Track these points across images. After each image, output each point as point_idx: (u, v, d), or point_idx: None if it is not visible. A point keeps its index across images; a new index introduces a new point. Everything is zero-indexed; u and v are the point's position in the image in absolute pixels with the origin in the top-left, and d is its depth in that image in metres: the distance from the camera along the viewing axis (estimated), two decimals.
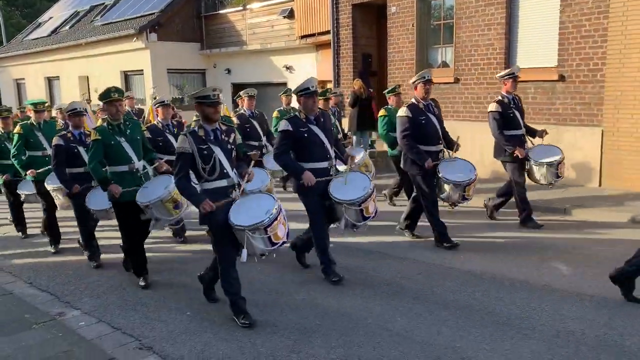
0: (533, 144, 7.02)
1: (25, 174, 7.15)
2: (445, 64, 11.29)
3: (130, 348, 4.16)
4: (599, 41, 8.60)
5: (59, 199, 6.78)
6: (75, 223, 6.49)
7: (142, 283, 5.48)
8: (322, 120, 5.18)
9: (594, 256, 5.73)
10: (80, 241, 6.54)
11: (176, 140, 6.54)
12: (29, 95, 23.63)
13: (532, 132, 7.03)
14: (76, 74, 20.94)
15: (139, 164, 5.44)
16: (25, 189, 7.53)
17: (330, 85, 13.75)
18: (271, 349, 3.98)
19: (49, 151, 6.85)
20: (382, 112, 8.10)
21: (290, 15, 14.98)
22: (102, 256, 6.38)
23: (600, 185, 8.73)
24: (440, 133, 6.21)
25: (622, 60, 8.28)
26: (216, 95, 4.31)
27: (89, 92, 20.30)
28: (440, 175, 6.04)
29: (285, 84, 15.59)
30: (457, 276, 5.32)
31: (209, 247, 6.56)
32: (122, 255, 5.98)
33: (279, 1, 15.80)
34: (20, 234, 8.00)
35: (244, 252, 4.15)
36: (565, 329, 4.05)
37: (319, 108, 5.39)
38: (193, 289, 5.15)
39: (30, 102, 7.22)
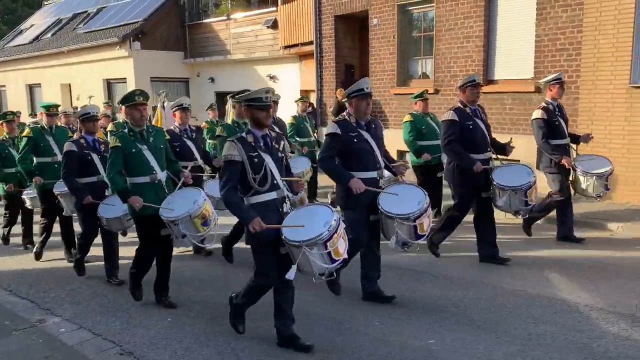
0: (578, 153, 6.64)
1: (30, 182, 6.77)
2: (425, 75, 11.51)
3: (112, 354, 4.20)
4: (573, 54, 8.86)
5: (65, 206, 6.37)
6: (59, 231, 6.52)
7: (135, 298, 5.17)
8: (373, 126, 4.75)
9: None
10: (72, 254, 6.32)
11: (195, 146, 6.58)
12: (9, 103, 23.41)
13: (576, 139, 6.59)
14: (58, 82, 20.82)
15: (161, 175, 4.95)
16: (32, 193, 7.05)
17: (313, 95, 13.92)
18: (251, 354, 4.05)
19: (60, 157, 6.47)
20: (407, 117, 7.73)
21: (274, 25, 15.13)
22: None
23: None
24: (489, 140, 5.80)
25: (595, 72, 8.54)
26: (269, 97, 3.91)
27: (71, 100, 20.21)
28: (495, 182, 5.59)
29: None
30: (437, 282, 5.43)
31: (188, 252, 6.67)
32: (101, 263, 6.00)
33: (262, 12, 15.97)
34: (34, 247, 7.17)
35: (293, 268, 3.76)
36: (536, 332, 4.18)
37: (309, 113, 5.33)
38: (174, 294, 5.19)
39: (43, 105, 6.87)
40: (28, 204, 7.24)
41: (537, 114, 6.41)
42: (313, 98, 13.88)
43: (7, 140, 7.42)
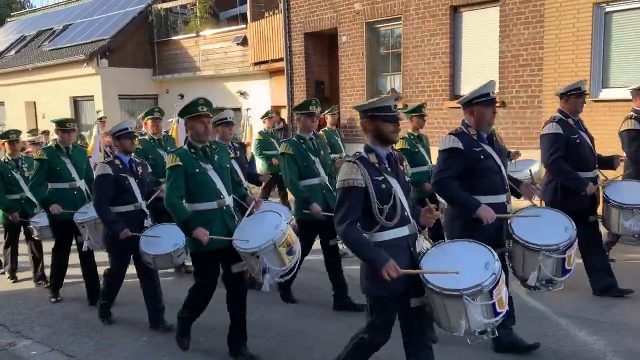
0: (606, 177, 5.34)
1: (42, 210, 5.96)
2: (394, 91, 11.73)
3: None
4: (536, 70, 9.20)
5: (88, 239, 5.41)
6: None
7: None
8: (494, 139, 3.92)
9: None
10: (100, 301, 5.22)
11: (239, 165, 5.63)
12: None
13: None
14: (22, 100, 20.40)
15: (229, 199, 4.18)
16: (42, 221, 6.11)
17: (284, 111, 14.01)
18: None
19: (78, 183, 5.73)
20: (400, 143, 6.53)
21: (244, 42, 15.21)
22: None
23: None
24: (595, 155, 5.05)
25: (557, 87, 8.82)
26: (397, 106, 3.18)
27: (36, 119, 19.82)
28: (611, 201, 4.80)
29: (239, 109, 15.74)
30: None
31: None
32: (73, 281, 5.89)
33: (232, 29, 16.04)
34: (46, 283, 6.37)
35: (462, 324, 2.92)
36: None
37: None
38: (148, 312, 5.13)
39: (56, 120, 5.93)
40: (36, 234, 6.32)
41: (629, 124, 5.82)
42: (284, 114, 13.98)
43: (9, 162, 6.52)
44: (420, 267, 3.05)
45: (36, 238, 6.35)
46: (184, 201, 4.08)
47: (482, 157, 3.75)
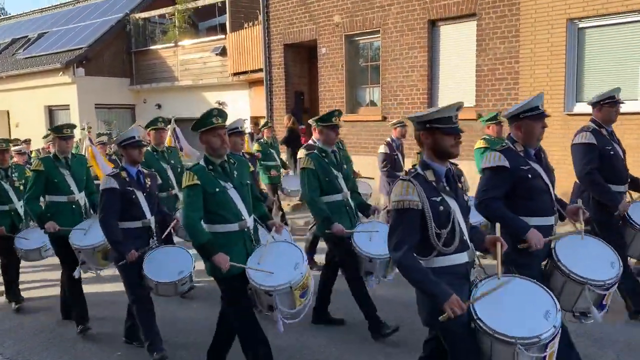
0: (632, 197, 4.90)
1: (30, 225, 5.69)
2: (373, 103, 11.83)
3: None
4: (512, 83, 9.36)
5: (83, 262, 4.97)
6: None
7: None
8: (542, 155, 3.62)
9: None
10: (140, 335, 4.56)
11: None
12: None
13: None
14: None
15: (250, 221, 3.86)
16: (24, 244, 5.64)
17: (263, 122, 13.98)
18: None
19: (77, 196, 5.28)
20: (480, 143, 6.66)
21: (223, 52, 15.19)
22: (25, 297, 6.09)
23: None
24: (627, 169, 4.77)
25: None
26: (458, 116, 2.84)
27: (9, 128, 19.43)
28: (633, 223, 4.42)
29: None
30: (392, 308, 5.51)
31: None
32: (45, 295, 5.75)
33: (211, 39, 16.02)
34: (13, 304, 6.02)
35: None
36: None
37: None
38: (124, 327, 5.04)
39: (54, 128, 5.47)
40: (21, 254, 5.79)
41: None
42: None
43: None
44: (473, 298, 2.75)
45: (20, 257, 5.83)
46: (202, 222, 3.76)
47: (529, 175, 3.45)
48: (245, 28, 14.51)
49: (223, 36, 15.44)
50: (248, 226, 3.82)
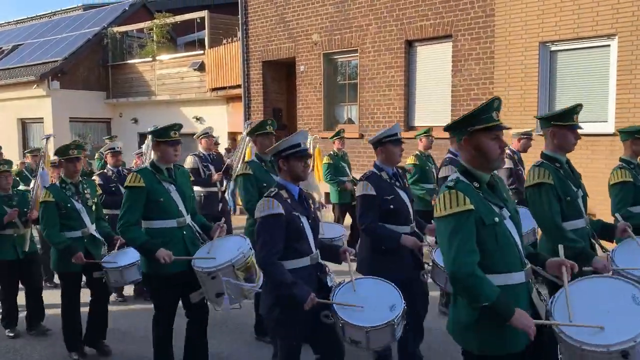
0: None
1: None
2: (350, 121, 11.92)
3: None
4: None
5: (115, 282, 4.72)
6: None
7: None
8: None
9: None
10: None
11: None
12: None
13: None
14: None
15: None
16: (117, 262, 4.72)
17: (240, 138, 13.96)
18: None
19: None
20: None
21: (201, 68, 15.17)
22: None
23: None
24: None
25: (506, 122, 9.17)
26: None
27: None
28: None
29: (194, 135, 15.59)
30: None
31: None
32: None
33: (189, 54, 15.99)
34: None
35: None
36: None
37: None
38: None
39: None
40: (115, 278, 4.78)
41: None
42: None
43: (67, 186, 4.95)
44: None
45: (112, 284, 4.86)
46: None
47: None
48: (224, 44, 14.53)
49: (202, 51, 15.43)
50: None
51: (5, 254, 5.38)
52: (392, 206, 3.98)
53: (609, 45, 8.28)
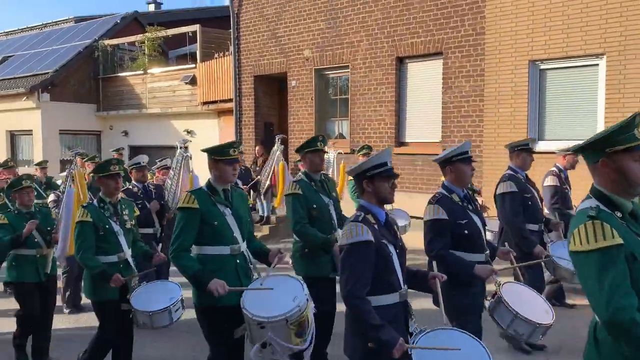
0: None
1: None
2: (342, 136, 11.94)
3: None
4: (477, 120, 9.60)
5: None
6: None
7: None
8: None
9: None
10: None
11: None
12: None
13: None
14: None
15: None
16: (146, 305, 4.16)
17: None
18: None
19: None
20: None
21: (193, 81, 15.17)
22: None
23: None
24: None
25: (496, 138, 9.28)
26: None
27: None
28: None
29: (186, 148, 15.54)
30: None
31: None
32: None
33: (181, 68, 15.98)
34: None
35: None
36: None
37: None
38: None
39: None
40: (143, 320, 4.26)
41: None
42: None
43: (106, 206, 4.47)
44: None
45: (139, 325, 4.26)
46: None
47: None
48: (216, 58, 14.55)
49: (193, 65, 15.43)
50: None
51: (28, 275, 4.98)
52: (466, 231, 3.66)
53: (597, 65, 8.37)
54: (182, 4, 59.76)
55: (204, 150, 3.79)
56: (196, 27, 15.42)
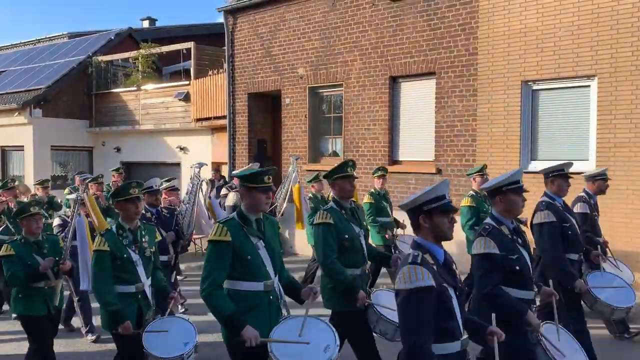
0: None
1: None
2: (335, 154, 11.95)
3: None
4: (470, 140, 9.64)
5: None
6: None
7: None
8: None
9: None
10: None
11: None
12: None
13: None
14: None
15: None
16: (160, 350, 3.84)
17: (225, 167, 13.92)
18: None
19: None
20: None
21: (186, 98, 15.17)
22: None
23: None
24: None
25: (489, 158, 9.32)
26: None
27: None
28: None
29: (179, 164, 15.51)
30: None
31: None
32: None
33: (174, 84, 15.99)
34: None
35: None
36: None
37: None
38: None
39: (251, 177, 3.79)
40: None
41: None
42: (225, 170, 13.89)
43: (124, 232, 4.24)
44: None
45: None
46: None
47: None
48: (210, 75, 14.58)
49: (187, 82, 15.45)
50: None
51: (37, 309, 4.73)
52: (517, 267, 3.46)
53: (589, 86, 8.45)
54: (176, 21, 60.05)
55: (235, 176, 3.63)
56: (190, 44, 15.46)
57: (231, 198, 10.90)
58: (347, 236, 3.93)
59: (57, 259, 4.85)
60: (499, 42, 9.17)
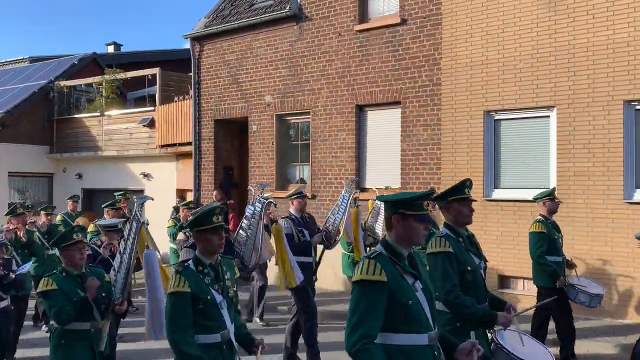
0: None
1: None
2: (303, 180, 11.93)
3: None
4: (434, 168, 9.78)
5: None
6: None
7: None
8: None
9: None
10: None
11: None
12: None
13: None
14: None
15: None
16: None
17: (190, 195, 13.70)
18: None
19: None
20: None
21: (151, 124, 14.98)
22: None
23: None
24: None
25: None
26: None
27: None
28: None
29: (142, 191, 15.20)
30: None
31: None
32: None
33: (139, 110, 15.79)
34: None
35: None
36: None
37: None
38: None
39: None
40: None
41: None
42: (190, 197, 13.66)
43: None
44: None
45: None
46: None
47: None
48: (176, 101, 14.46)
49: (152, 108, 15.27)
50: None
51: (81, 355, 4.15)
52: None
53: (548, 116, 8.72)
54: (142, 47, 59.78)
55: (384, 200, 2.89)
56: (156, 70, 15.34)
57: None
58: (469, 268, 3.38)
59: (103, 294, 4.27)
60: (462, 73, 9.41)
